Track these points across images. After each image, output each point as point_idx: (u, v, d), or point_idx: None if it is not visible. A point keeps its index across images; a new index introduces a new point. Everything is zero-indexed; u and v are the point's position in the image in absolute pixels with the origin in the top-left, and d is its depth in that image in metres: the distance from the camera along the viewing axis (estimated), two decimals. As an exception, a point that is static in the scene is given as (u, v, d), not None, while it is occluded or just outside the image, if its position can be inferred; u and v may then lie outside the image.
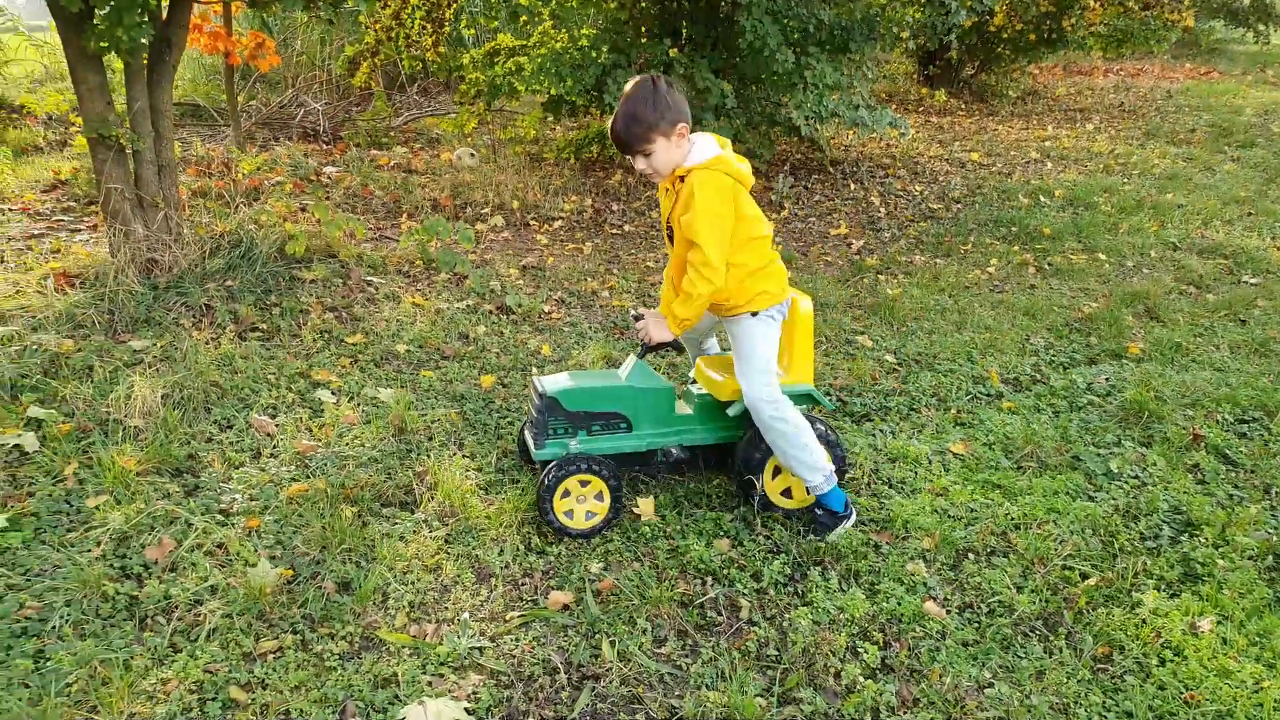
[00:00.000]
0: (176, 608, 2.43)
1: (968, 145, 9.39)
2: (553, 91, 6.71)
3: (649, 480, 3.17)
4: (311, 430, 3.38)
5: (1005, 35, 11.18)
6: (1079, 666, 2.35)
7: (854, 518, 2.90)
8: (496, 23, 8.41)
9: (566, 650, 2.36)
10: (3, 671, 2.17)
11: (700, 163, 2.65)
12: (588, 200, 6.88)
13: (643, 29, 7.37)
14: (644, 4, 7.39)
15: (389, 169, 7.24)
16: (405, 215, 6.16)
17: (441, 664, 2.29)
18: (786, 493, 2.99)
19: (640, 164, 2.70)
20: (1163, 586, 2.66)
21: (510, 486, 3.07)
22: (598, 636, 2.40)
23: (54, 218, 5.70)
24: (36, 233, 5.34)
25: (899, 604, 2.55)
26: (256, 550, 2.67)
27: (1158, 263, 5.83)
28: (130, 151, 4.27)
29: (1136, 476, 3.27)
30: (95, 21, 3.84)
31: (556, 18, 7.34)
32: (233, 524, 2.80)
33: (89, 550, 2.62)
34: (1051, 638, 2.45)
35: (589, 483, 2.81)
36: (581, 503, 2.83)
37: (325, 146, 8.01)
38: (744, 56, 6.70)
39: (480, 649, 2.35)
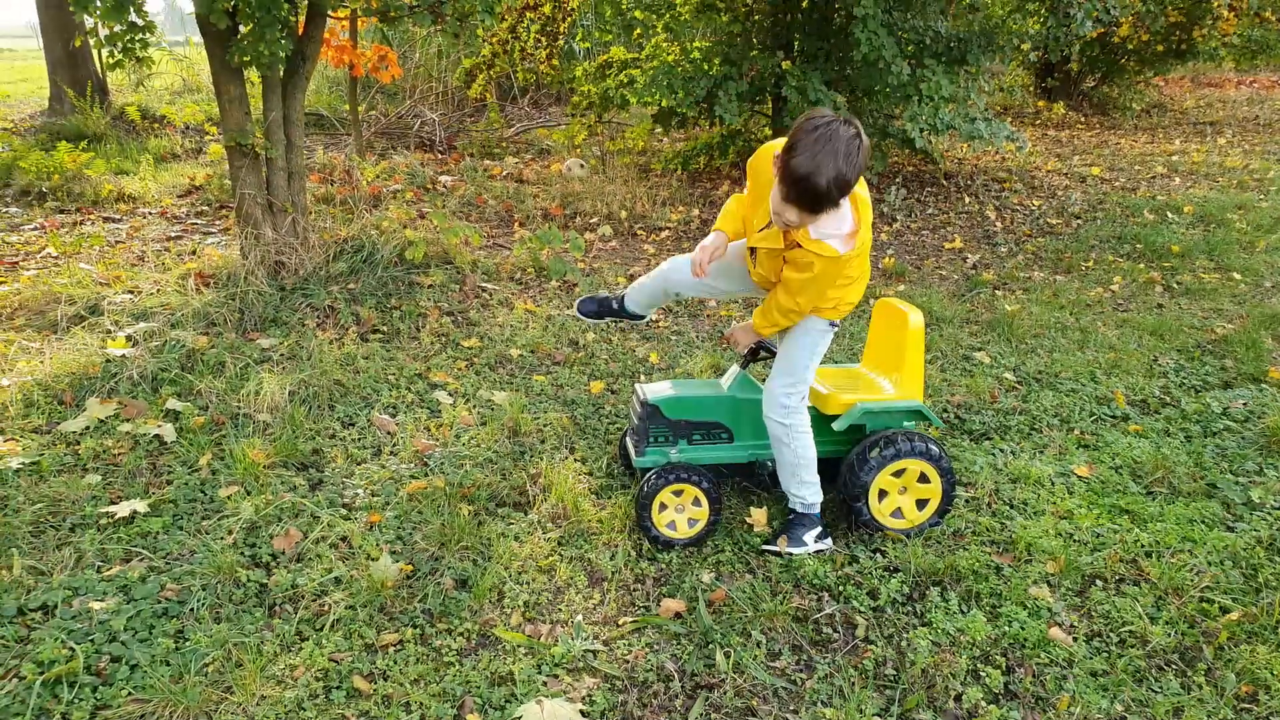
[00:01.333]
0: (303, 597, 2.52)
1: (1088, 159, 9.03)
2: (664, 104, 6.77)
3: (762, 491, 3.14)
4: (430, 430, 3.47)
5: (1130, 46, 10.71)
6: (1220, 705, 2.20)
7: (826, 546, 2.81)
8: (610, 36, 8.55)
9: (680, 658, 2.35)
10: (147, 649, 2.29)
11: (839, 245, 2.41)
12: (694, 211, 6.89)
13: (755, 41, 7.35)
14: (757, 17, 7.38)
15: (501, 179, 7.41)
16: (517, 224, 6.30)
17: (556, 665, 2.31)
18: (897, 513, 2.91)
19: (795, 217, 2.31)
20: (1314, 626, 2.48)
21: (620, 492, 3.09)
22: (711, 646, 2.38)
23: (189, 221, 6.05)
24: (174, 235, 5.68)
25: (1022, 628, 2.45)
26: (378, 544, 2.75)
27: (1300, 284, 5.48)
28: (264, 159, 4.50)
29: (1280, 508, 3.07)
30: (240, 37, 4.06)
31: (670, 31, 7.40)
32: (355, 518, 2.89)
33: (222, 538, 2.75)
34: (1190, 673, 2.31)
35: (682, 491, 2.79)
36: (680, 512, 2.81)
37: (440, 156, 8.27)
38: (857, 68, 6.62)
39: (594, 652, 2.36)
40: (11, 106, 10.78)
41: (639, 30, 7.84)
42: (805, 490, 2.82)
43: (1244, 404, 3.84)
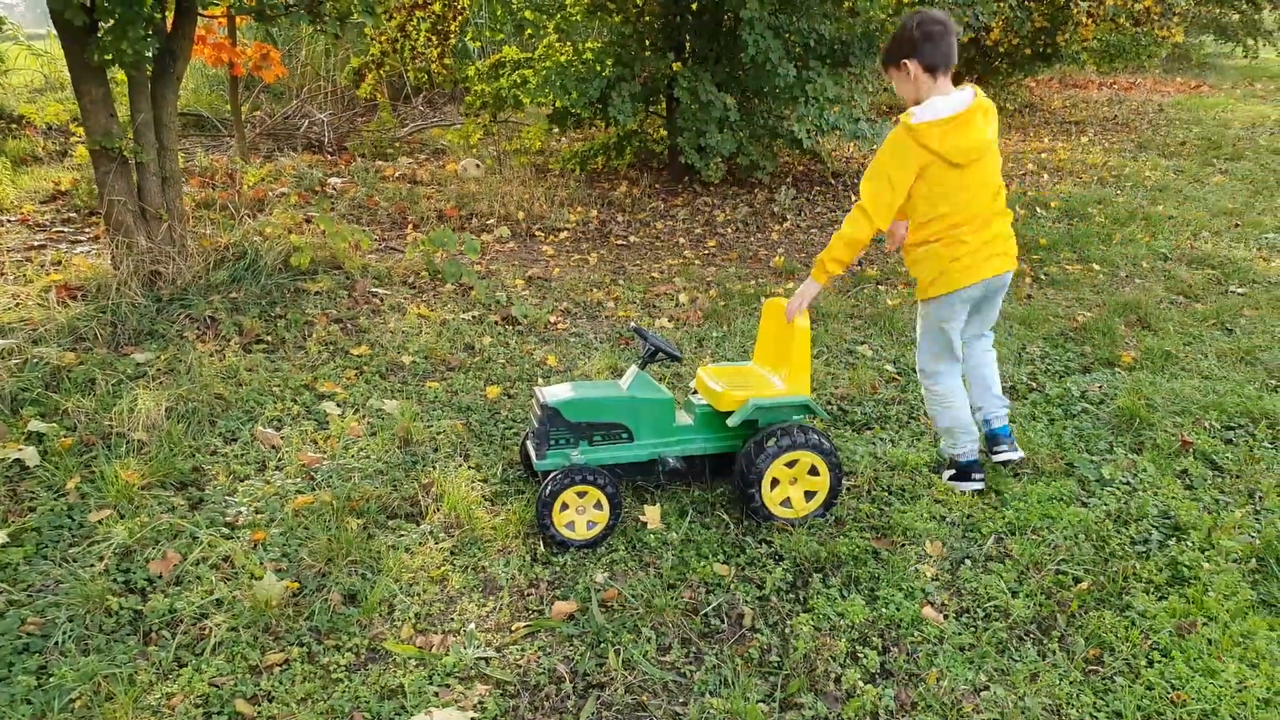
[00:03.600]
0: (181, 621, 2.44)
1: (964, 157, 9.45)
2: (558, 104, 6.77)
3: (655, 489, 3.19)
4: (317, 442, 3.40)
5: (1002, 50, 11.26)
6: (1071, 668, 2.38)
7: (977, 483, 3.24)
8: (502, 35, 8.48)
9: (572, 659, 2.38)
10: (5, 688, 2.18)
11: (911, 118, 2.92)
12: (593, 211, 6.92)
13: (647, 42, 7.42)
14: (648, 18, 7.45)
15: (394, 180, 7.27)
16: (411, 226, 6.19)
17: (448, 674, 2.31)
18: (786, 503, 3.01)
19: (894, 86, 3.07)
20: (1152, 589, 2.70)
21: (516, 498, 3.09)
22: (603, 645, 2.42)
23: (54, 229, 5.72)
24: (37, 244, 5.36)
25: (898, 609, 2.57)
26: (262, 563, 2.68)
27: (1149, 273, 5.88)
28: (134, 163, 4.30)
29: (1128, 483, 3.31)
30: (99, 34, 3.87)
31: (561, 31, 7.41)
32: (238, 537, 2.81)
33: (92, 565, 2.63)
34: (1045, 641, 2.49)
35: (585, 493, 2.82)
36: (581, 513, 2.84)
37: (330, 157, 8.05)
38: (746, 70, 6.76)
39: (486, 659, 2.36)
40: None
41: (530, 30, 7.81)
42: (950, 449, 3.28)
43: (1099, 387, 4.12)
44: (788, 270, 5.81)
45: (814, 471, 2.99)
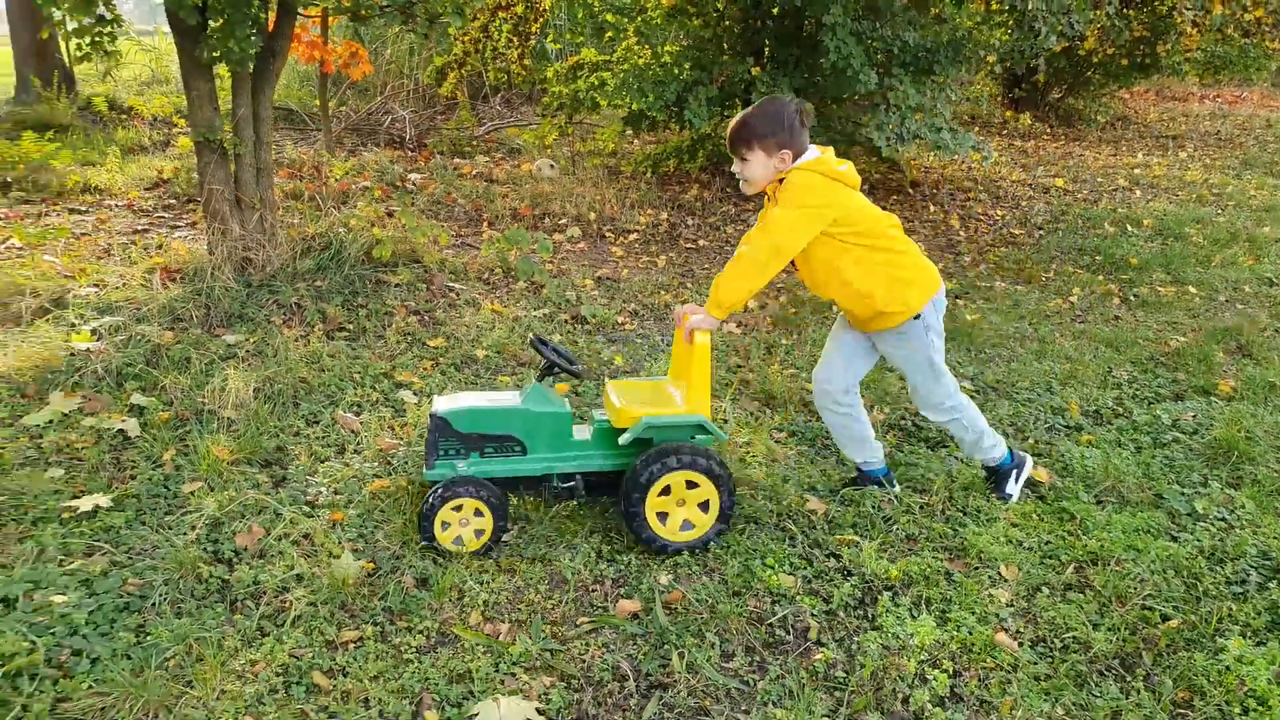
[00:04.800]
0: (265, 593, 2.54)
1: (1052, 170, 9.20)
2: (634, 106, 6.81)
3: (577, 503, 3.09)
4: (394, 429, 3.49)
5: (1096, 59, 10.92)
6: (1157, 710, 2.28)
7: (1027, 475, 3.27)
8: (582, 38, 8.57)
9: (635, 658, 2.40)
10: (108, 642, 2.31)
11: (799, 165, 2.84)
12: (663, 214, 6.94)
13: (725, 46, 7.42)
14: (728, 23, 7.45)
15: (471, 177, 7.42)
16: (486, 223, 6.31)
17: (514, 664, 2.35)
18: (686, 525, 2.86)
19: (735, 167, 2.95)
20: (1248, 633, 2.56)
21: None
22: (666, 647, 2.43)
23: (156, 214, 6.00)
24: (140, 228, 5.63)
25: (970, 633, 2.51)
26: (340, 542, 2.77)
27: (1252, 298, 5.63)
28: (232, 154, 4.48)
29: (1223, 518, 3.16)
30: (209, 33, 4.05)
31: (641, 34, 7.45)
32: (318, 516, 2.91)
33: (185, 533, 2.76)
34: (1129, 678, 2.39)
35: (461, 506, 2.74)
36: (464, 525, 2.76)
37: (410, 153, 8.25)
38: (826, 76, 6.70)
39: (552, 651, 2.40)
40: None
41: (610, 33, 7.87)
42: (991, 452, 3.20)
43: (1193, 416, 3.95)
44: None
45: (692, 485, 2.82)
